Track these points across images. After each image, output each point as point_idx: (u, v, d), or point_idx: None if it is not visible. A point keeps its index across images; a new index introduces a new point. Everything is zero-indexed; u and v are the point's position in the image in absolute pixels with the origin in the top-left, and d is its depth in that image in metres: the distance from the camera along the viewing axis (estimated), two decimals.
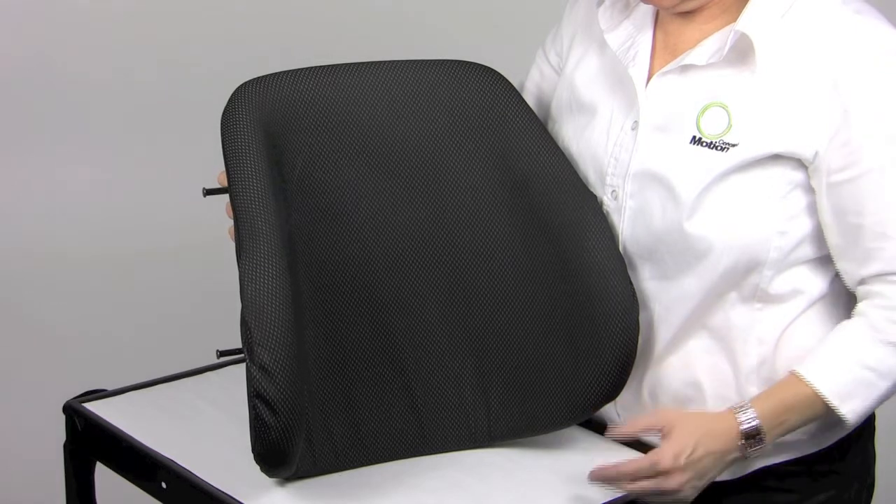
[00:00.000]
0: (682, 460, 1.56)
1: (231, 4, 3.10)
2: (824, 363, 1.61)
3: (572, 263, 1.68)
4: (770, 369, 1.67)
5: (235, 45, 3.04)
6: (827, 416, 1.62)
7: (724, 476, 1.70)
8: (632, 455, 1.67)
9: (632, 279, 1.67)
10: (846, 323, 1.63)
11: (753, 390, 1.66)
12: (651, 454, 1.58)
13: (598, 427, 1.77)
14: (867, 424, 1.77)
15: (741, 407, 1.60)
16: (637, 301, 1.66)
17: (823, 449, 1.72)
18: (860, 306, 1.62)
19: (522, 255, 1.72)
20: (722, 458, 1.60)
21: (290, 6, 3.09)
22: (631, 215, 1.69)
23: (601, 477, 1.57)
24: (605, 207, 1.71)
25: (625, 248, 1.70)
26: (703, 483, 1.60)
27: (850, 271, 1.63)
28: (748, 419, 1.59)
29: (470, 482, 1.66)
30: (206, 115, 2.11)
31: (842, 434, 1.72)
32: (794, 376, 1.61)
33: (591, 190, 1.72)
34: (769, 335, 1.66)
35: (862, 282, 1.62)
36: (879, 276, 1.60)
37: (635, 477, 1.57)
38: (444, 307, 1.73)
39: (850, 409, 1.60)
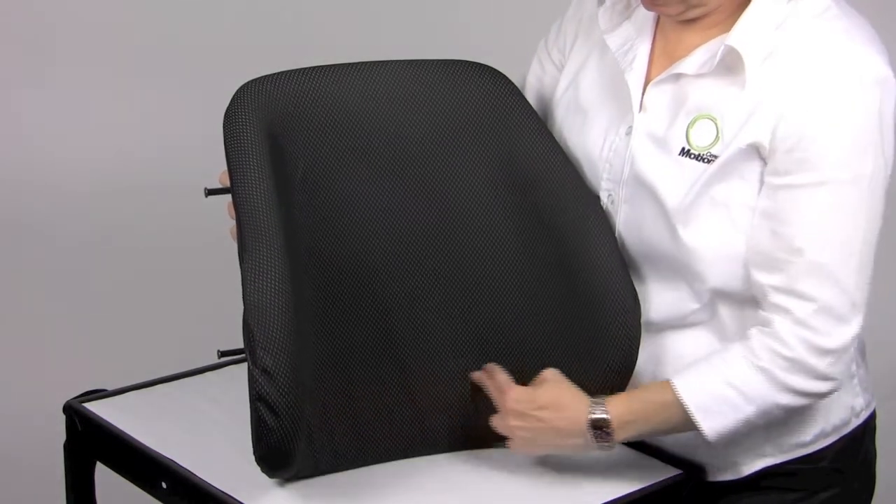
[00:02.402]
0: (521, 406, 1.61)
1: (233, 4, 3.10)
2: (695, 375, 1.61)
3: (575, 264, 1.68)
4: None
5: (237, 45, 3.04)
6: (686, 428, 1.61)
7: (726, 476, 1.70)
8: (630, 454, 1.69)
9: None
10: (732, 344, 1.62)
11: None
12: (504, 385, 1.64)
13: None
14: (869, 423, 1.77)
15: (597, 401, 1.61)
16: (639, 302, 1.66)
17: (825, 448, 1.72)
18: (750, 330, 1.60)
19: (525, 256, 1.72)
20: (560, 435, 1.62)
21: (290, 6, 3.09)
22: (625, 220, 1.69)
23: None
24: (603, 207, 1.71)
25: (622, 250, 1.69)
26: (534, 448, 1.65)
27: (759, 281, 1.60)
28: (598, 411, 1.60)
29: (470, 482, 1.66)
30: (207, 114, 2.11)
31: (844, 433, 1.72)
32: (665, 383, 1.61)
33: (590, 188, 1.72)
34: None
35: (764, 297, 1.60)
36: (778, 290, 1.57)
37: (492, 394, 1.66)
38: (446, 307, 1.73)
39: (711, 427, 1.59)
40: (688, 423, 1.60)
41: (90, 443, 1.81)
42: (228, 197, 1.65)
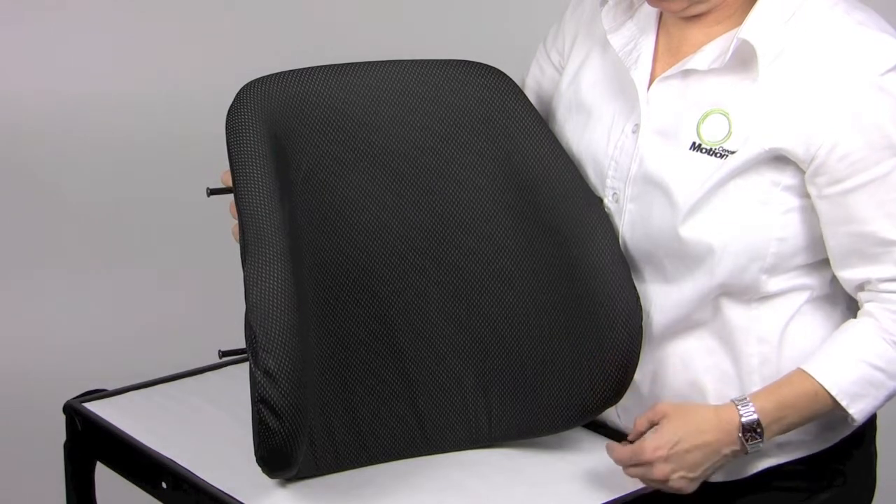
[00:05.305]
0: (663, 452, 1.57)
1: (235, 4, 3.10)
2: (832, 361, 1.61)
3: (576, 267, 1.68)
4: (773, 368, 1.66)
5: (238, 45, 3.05)
6: (829, 414, 1.62)
7: (728, 476, 1.70)
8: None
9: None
10: (852, 322, 1.63)
11: (756, 390, 1.66)
12: (636, 444, 1.59)
13: (599, 428, 1.76)
14: (870, 424, 1.77)
15: (741, 400, 1.59)
16: (641, 306, 1.66)
17: (827, 448, 1.72)
18: (867, 307, 1.62)
19: (526, 258, 1.72)
20: (715, 451, 1.59)
21: (292, 5, 3.09)
22: (630, 219, 1.69)
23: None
24: (605, 209, 1.71)
25: (625, 250, 1.69)
26: (696, 475, 1.59)
27: (851, 277, 1.62)
28: (747, 413, 1.58)
29: (471, 482, 1.66)
30: (209, 114, 2.11)
31: (846, 433, 1.72)
32: (800, 373, 1.61)
33: (592, 191, 1.72)
34: (770, 334, 1.66)
35: (867, 285, 1.62)
36: (888, 280, 1.59)
37: (626, 464, 1.59)
38: (447, 308, 1.73)
39: (859, 409, 1.60)
40: (832, 411, 1.61)
41: (90, 443, 1.81)
42: (230, 197, 1.65)
